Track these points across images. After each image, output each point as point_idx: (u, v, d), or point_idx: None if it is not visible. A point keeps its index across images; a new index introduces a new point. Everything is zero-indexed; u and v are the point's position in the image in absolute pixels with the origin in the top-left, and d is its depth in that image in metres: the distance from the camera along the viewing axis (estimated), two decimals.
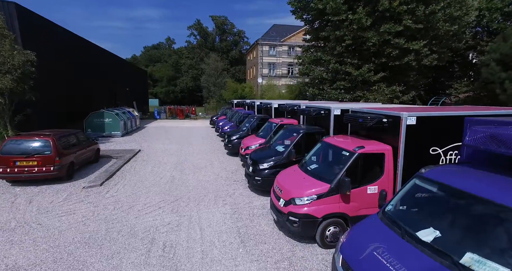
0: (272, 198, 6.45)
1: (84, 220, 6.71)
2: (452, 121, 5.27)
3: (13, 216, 6.89)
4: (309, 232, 5.40)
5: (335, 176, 5.42)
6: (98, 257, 5.20)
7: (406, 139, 5.24)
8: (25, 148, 8.97)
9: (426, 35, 16.68)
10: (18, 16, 15.28)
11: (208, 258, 5.19)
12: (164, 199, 8.15)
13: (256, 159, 8.56)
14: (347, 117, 6.55)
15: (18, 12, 15.38)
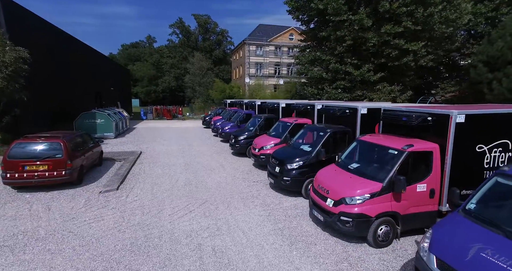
0: (314, 198, 6.39)
1: (117, 226, 6.33)
2: (498, 119, 5.46)
3: (37, 224, 6.40)
4: (363, 232, 5.40)
5: (385, 174, 5.46)
6: (150, 265, 4.92)
7: (455, 136, 5.36)
8: (35, 151, 8.34)
9: (424, 37, 17.32)
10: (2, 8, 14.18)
11: (265, 263, 5.05)
12: (190, 202, 7.87)
13: (283, 159, 8.47)
14: (387, 116, 6.62)
15: (2, 4, 14.27)
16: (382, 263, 5.00)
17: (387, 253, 5.33)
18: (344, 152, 7.11)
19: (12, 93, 12.39)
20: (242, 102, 21.98)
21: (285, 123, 11.70)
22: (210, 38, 77.12)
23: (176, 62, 77.62)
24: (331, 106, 9.14)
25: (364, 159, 6.42)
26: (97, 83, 30.75)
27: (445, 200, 5.57)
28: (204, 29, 75.70)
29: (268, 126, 14.04)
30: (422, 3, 16.06)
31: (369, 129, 8.24)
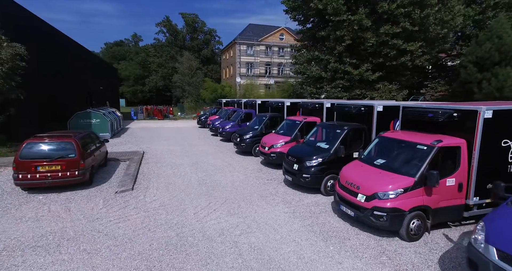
0: (341, 194, 6.49)
1: (145, 226, 6.21)
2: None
3: (63, 225, 6.21)
4: (396, 226, 5.53)
5: (416, 169, 5.62)
6: (192, 263, 4.87)
7: (482, 131, 5.59)
8: (47, 151, 8.03)
9: (419, 37, 17.88)
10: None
11: (305, 258, 5.09)
12: (211, 201, 7.80)
13: (301, 157, 8.54)
14: (410, 113, 6.81)
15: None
16: (419, 256, 5.14)
17: (420, 246, 5.49)
18: (367, 148, 7.25)
19: (8, 91, 11.84)
20: (240, 101, 21.91)
21: (294, 122, 11.79)
22: (198, 37, 76.34)
23: (163, 61, 76.34)
24: (346, 104, 9.29)
25: (389, 155, 6.56)
26: (88, 83, 29.87)
27: (472, 193, 5.79)
28: (192, 28, 74.82)
29: (273, 125, 14.12)
30: (419, 4, 16.59)
31: (384, 126, 8.45)
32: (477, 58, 20.34)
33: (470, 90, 20.94)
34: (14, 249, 5.28)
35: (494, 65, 19.67)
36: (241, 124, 18.05)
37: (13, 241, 5.57)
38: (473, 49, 20.72)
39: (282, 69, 49.13)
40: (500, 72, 19.16)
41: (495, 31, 19.89)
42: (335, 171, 8.27)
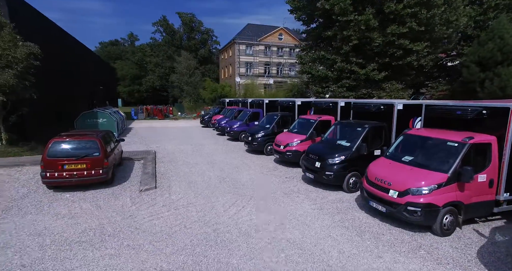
0: (371, 191, 6.61)
1: (180, 223, 6.28)
2: None
3: (99, 222, 6.28)
4: (430, 221, 5.67)
5: (448, 165, 5.76)
6: (237, 257, 4.97)
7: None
8: (72, 149, 8.04)
9: (425, 37, 18.16)
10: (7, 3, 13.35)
11: (346, 253, 5.20)
12: (237, 199, 7.87)
13: (323, 154, 8.65)
14: (437, 110, 6.96)
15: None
16: (456, 250, 5.27)
17: (454, 241, 5.63)
18: (392, 146, 7.39)
19: (22, 91, 11.73)
20: (245, 101, 21.96)
21: (308, 120, 11.89)
22: (195, 37, 76.01)
23: (160, 61, 75.85)
24: (365, 103, 9.44)
25: (417, 152, 6.69)
26: (90, 82, 29.61)
27: (503, 189, 5.97)
28: (189, 28, 74.44)
29: (284, 123, 14.22)
30: (425, 5, 16.85)
31: (403, 124, 8.61)
32: (479, 58, 20.71)
33: (472, 89, 21.31)
34: (61, 243, 5.38)
35: (496, 65, 20.06)
36: (249, 124, 18.13)
37: (57, 236, 5.65)
38: (475, 49, 21.10)
39: (281, 69, 49.27)
40: (503, 72, 19.54)
41: (497, 32, 20.26)
42: (357, 168, 8.44)
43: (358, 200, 7.86)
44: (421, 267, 4.70)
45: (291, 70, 49.95)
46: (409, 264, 4.81)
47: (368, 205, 6.78)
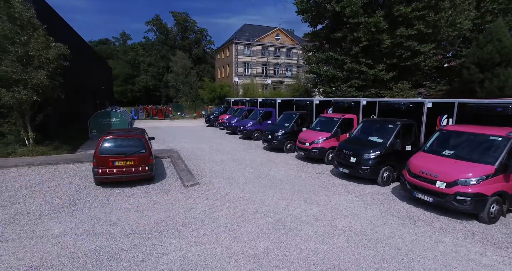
0: (415, 183, 7.10)
1: (242, 214, 6.65)
2: None
3: (165, 214, 6.59)
4: (479, 209, 6.17)
5: (494, 158, 6.30)
6: (311, 242, 5.41)
7: None
8: (121, 147, 8.27)
9: (431, 39, 18.95)
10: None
11: (407, 238, 5.69)
12: (281, 193, 8.24)
13: (358, 150, 9.10)
14: (476, 107, 7.51)
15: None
16: (508, 236, 5.77)
17: (501, 227, 6.14)
18: (428, 141, 7.89)
19: (53, 91, 11.81)
20: (254, 100, 22.27)
21: (332, 119, 12.34)
22: (189, 36, 75.73)
23: (154, 60, 75.15)
24: (394, 102, 9.98)
25: (456, 146, 7.20)
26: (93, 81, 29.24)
27: None
28: (183, 28, 74.07)
29: (302, 122, 14.63)
30: (433, 8, 17.62)
31: (430, 122, 9.16)
32: (478, 59, 21.70)
33: (471, 89, 22.30)
34: (142, 232, 5.69)
35: (495, 66, 21.07)
36: (262, 123, 18.48)
37: (133, 226, 5.96)
38: (474, 51, 22.09)
39: (278, 69, 49.77)
40: (501, 73, 20.54)
41: (495, 34, 21.28)
42: (390, 163, 8.95)
43: (395, 192, 8.35)
44: (484, 250, 5.18)
45: (288, 70, 50.54)
46: (471, 247, 5.28)
47: (412, 196, 7.24)
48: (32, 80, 10.93)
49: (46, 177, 9.46)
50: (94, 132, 17.93)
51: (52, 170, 10.14)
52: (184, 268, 4.54)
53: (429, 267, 4.61)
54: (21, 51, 10.90)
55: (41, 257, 4.80)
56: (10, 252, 4.96)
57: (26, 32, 11.30)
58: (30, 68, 11.16)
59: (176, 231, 5.71)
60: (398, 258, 4.89)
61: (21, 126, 12.36)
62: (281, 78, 49.77)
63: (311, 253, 5.01)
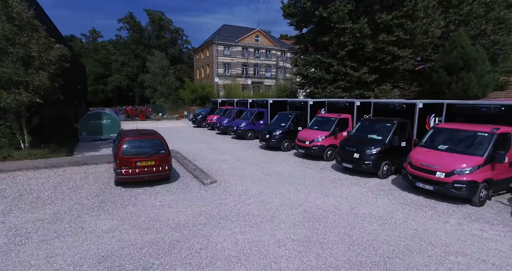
0: (416, 174, 8.14)
1: (271, 207, 7.28)
2: None
3: (199, 210, 7.02)
4: (472, 194, 7.29)
5: (483, 151, 7.44)
6: (341, 227, 6.16)
7: None
8: (142, 147, 8.55)
9: (410, 45, 20.70)
10: None
11: (418, 221, 6.62)
12: (296, 188, 8.93)
13: (360, 147, 10.05)
14: (463, 108, 8.69)
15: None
16: (496, 215, 6.91)
17: (489, 209, 7.30)
18: (424, 137, 8.99)
19: (54, 92, 11.58)
20: (245, 101, 22.82)
21: (329, 118, 13.26)
22: (164, 35, 74.28)
23: (127, 59, 72.69)
24: (389, 103, 11.06)
25: (449, 141, 8.32)
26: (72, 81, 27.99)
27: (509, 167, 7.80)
28: (158, 26, 72.44)
29: (298, 121, 15.45)
30: (410, 17, 19.32)
31: (420, 120, 10.33)
32: (445, 64, 23.99)
33: (440, 91, 24.55)
34: (186, 226, 6.13)
35: (459, 70, 23.39)
36: (255, 123, 19.12)
37: (175, 221, 6.38)
38: (442, 56, 24.34)
39: (258, 70, 50.61)
40: (465, 76, 22.88)
41: (458, 42, 23.62)
42: (389, 158, 9.99)
43: (394, 183, 9.39)
44: (482, 227, 6.24)
45: (267, 71, 51.55)
46: (471, 225, 6.32)
47: (414, 186, 8.27)
48: (34, 82, 10.70)
49: (58, 179, 9.40)
50: (84, 134, 17.52)
51: (60, 173, 10.08)
52: (240, 253, 5.08)
53: (444, 242, 5.53)
54: (22, 52, 10.63)
55: (105, 249, 5.12)
56: (75, 245, 5.24)
57: (26, 33, 11.01)
58: (31, 69, 10.91)
59: (217, 223, 6.21)
60: (418, 236, 5.78)
61: (17, 129, 11.96)
62: (261, 79, 50.67)
63: (345, 236, 5.75)
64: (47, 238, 5.54)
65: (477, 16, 24.86)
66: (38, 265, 4.69)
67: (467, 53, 23.42)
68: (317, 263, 4.80)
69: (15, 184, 8.85)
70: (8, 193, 7.96)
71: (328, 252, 5.13)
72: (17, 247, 5.22)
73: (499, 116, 8.12)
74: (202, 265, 4.71)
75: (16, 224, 6.10)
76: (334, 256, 5.00)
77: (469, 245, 5.44)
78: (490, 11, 24.96)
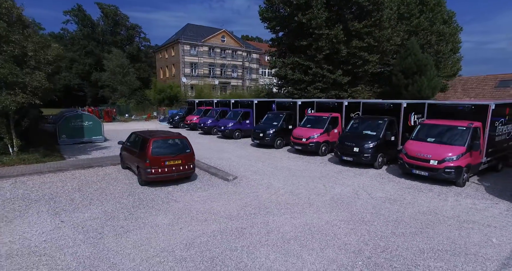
0: (412, 163, 9.67)
1: (304, 196, 8.18)
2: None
3: (242, 202, 7.66)
4: (458, 177, 8.98)
5: (463, 142, 9.20)
6: (371, 208, 7.28)
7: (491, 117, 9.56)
8: (168, 147, 8.93)
9: (377, 51, 23.11)
10: None
11: (426, 200, 8.05)
12: (307, 180, 9.92)
13: (359, 142, 11.43)
14: (443, 107, 10.48)
15: None
16: (478, 192, 8.67)
17: (470, 188, 9.06)
18: (413, 132, 10.63)
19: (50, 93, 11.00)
20: (227, 101, 23.29)
21: (321, 117, 14.56)
22: (120, 32, 70.35)
23: (78, 56, 67.33)
24: (378, 103, 12.64)
25: (436, 134, 10.01)
26: None
27: (483, 155, 9.75)
28: (113, 22, 68.31)
29: (289, 120, 16.51)
30: (378, 26, 21.67)
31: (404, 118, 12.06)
32: (402, 68, 27.20)
33: (399, 92, 27.72)
34: (240, 216, 6.76)
35: (413, 74, 26.73)
36: (242, 122, 19.80)
37: (226, 212, 6.96)
38: (399, 61, 27.53)
39: (225, 70, 50.95)
40: (418, 80, 26.23)
41: (412, 50, 26.99)
42: (383, 150, 11.50)
43: (389, 172, 10.93)
44: (474, 201, 7.87)
45: (233, 71, 52.11)
46: (465, 201, 7.92)
47: (411, 173, 9.80)
48: (32, 83, 10.13)
49: (76, 182, 9.18)
50: (63, 137, 16.47)
51: (70, 176, 9.89)
52: (304, 233, 5.88)
53: (453, 214, 6.95)
54: (17, 51, 9.99)
55: (183, 238, 5.61)
56: (151, 237, 5.64)
57: (17, 30, 10.35)
58: (27, 69, 10.29)
59: (267, 212, 6.91)
60: (431, 212, 7.14)
61: (5, 132, 11.08)
62: (227, 79, 51.07)
63: (378, 215, 6.87)
64: (119, 232, 5.78)
65: (424, 29, 28.62)
66: (131, 253, 5.03)
67: (419, 59, 26.79)
68: (370, 236, 5.81)
69: (33, 188, 8.57)
70: (35, 197, 7.71)
71: (374, 228, 6.19)
72: (99, 240, 5.45)
73: (470, 114, 10.04)
74: (278, 245, 5.42)
75: (77, 222, 6.16)
76: (380, 230, 6.07)
77: (472, 215, 6.94)
78: (433, 25, 28.91)
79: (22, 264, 4.72)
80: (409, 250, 5.25)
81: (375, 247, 5.36)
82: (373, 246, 5.41)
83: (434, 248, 5.31)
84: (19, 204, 7.23)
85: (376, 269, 4.66)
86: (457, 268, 4.68)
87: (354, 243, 5.53)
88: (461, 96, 35.39)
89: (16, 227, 6.05)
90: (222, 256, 5.03)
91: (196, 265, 4.77)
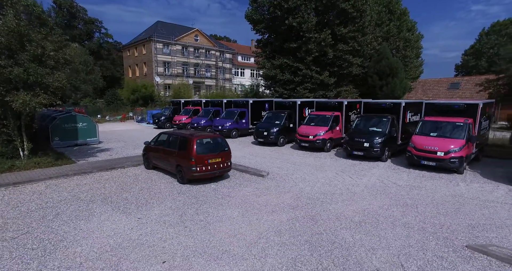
0: (420, 155, 11.03)
1: (339, 188, 9.02)
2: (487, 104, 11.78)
3: (292, 195, 8.30)
4: (461, 166, 10.51)
5: (463, 135, 10.78)
6: (402, 193, 8.34)
7: (481, 114, 11.30)
8: (209, 146, 9.28)
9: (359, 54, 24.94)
10: None
11: (439, 187, 9.33)
12: (326, 173, 10.81)
13: (368, 138, 12.60)
14: (439, 106, 12.05)
15: None
16: (475, 177, 10.23)
17: (469, 175, 10.64)
18: (416, 128, 12.07)
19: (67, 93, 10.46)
20: (219, 101, 23.44)
21: (325, 116, 15.58)
22: (77, 26, 65.43)
23: None
24: (381, 102, 13.97)
25: (437, 129, 11.49)
26: None
27: (473, 146, 11.46)
28: (69, 14, 63.26)
29: (290, 119, 17.33)
30: (361, 32, 23.47)
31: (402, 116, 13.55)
32: (377, 70, 29.64)
33: (374, 92, 30.12)
34: (300, 205, 7.42)
35: (387, 76, 29.30)
36: (239, 122, 20.19)
37: (286, 203, 7.55)
38: (374, 64, 29.97)
39: (198, 69, 50.36)
40: (391, 82, 28.81)
41: (384, 54, 29.55)
42: (389, 145, 12.81)
43: (396, 163, 12.27)
44: (481, 185, 9.35)
45: (207, 71, 51.71)
46: (473, 185, 9.36)
47: (420, 164, 11.15)
48: (54, 83, 9.65)
49: (112, 183, 9.07)
50: (56, 139, 15.44)
51: (101, 178, 9.76)
52: (369, 217, 6.68)
53: (471, 196, 8.26)
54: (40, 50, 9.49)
55: (268, 226, 6.09)
56: (236, 227, 6.07)
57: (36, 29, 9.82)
58: (46, 69, 9.78)
59: (321, 202, 7.64)
60: (453, 195, 8.40)
61: (17, 135, 10.30)
62: (201, 79, 50.54)
63: (414, 200, 7.93)
64: (202, 225, 6.15)
65: (393, 35, 31.47)
66: (232, 241, 5.48)
67: (391, 63, 29.40)
68: (422, 216, 6.79)
69: (74, 190, 8.37)
70: (85, 197, 7.57)
71: (420, 210, 7.21)
72: (191, 233, 5.79)
73: (463, 111, 11.74)
74: (353, 227, 6.16)
75: (154, 219, 6.34)
76: (426, 211, 7.11)
77: (486, 195, 8.33)
78: (400, 32, 31.93)
79: (139, 254, 4.91)
80: (461, 226, 6.32)
81: (433, 225, 6.34)
82: (431, 224, 6.39)
83: (479, 223, 6.44)
84: (78, 204, 7.04)
85: (447, 242, 5.59)
86: (510, 236, 5.81)
87: (414, 222, 6.46)
88: (421, 96, 39.58)
89: (98, 224, 6.06)
90: (314, 239, 5.62)
91: (299, 247, 5.30)
